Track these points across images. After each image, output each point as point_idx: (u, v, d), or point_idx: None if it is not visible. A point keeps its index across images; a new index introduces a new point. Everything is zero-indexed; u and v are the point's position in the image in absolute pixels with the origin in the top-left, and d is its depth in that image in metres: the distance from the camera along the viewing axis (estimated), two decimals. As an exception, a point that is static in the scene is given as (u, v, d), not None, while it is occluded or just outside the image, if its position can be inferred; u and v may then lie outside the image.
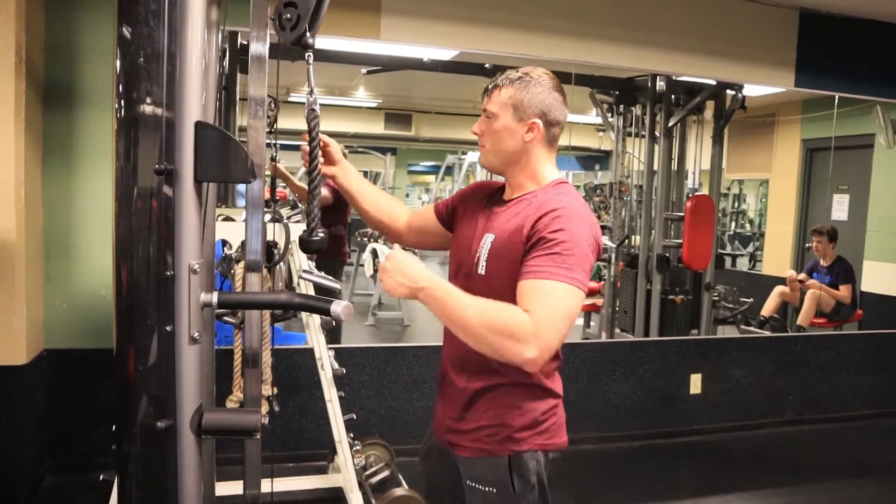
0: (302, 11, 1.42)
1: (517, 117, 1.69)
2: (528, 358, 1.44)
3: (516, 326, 1.44)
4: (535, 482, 1.70)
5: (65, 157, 3.38)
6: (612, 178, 5.98)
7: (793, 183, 6.90)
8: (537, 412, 1.71)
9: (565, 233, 1.54)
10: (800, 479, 3.95)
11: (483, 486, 1.70)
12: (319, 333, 3.03)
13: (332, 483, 3.30)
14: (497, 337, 1.45)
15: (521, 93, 1.68)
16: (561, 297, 1.49)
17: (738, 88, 5.08)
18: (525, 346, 1.43)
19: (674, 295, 5.13)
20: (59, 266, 3.41)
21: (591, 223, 1.61)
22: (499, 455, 1.68)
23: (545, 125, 1.70)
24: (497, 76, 1.73)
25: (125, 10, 1.23)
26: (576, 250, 1.53)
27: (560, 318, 1.48)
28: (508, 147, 1.71)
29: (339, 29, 3.52)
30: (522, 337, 1.43)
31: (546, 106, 1.69)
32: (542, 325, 1.45)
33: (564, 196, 1.65)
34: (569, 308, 1.50)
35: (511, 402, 1.69)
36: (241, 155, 1.25)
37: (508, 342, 1.44)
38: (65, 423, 3.44)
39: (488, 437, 1.69)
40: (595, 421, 4.34)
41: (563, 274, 1.50)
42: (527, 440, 1.69)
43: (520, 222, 1.62)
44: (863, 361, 5.02)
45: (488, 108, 1.71)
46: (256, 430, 1.30)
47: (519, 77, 1.69)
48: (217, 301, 1.29)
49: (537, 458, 1.71)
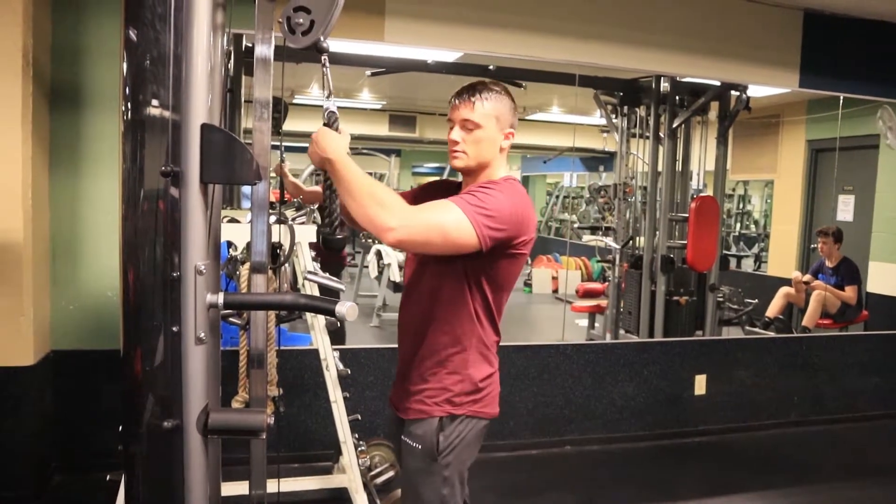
0: (316, 17, 1.43)
1: (499, 128, 1.90)
2: (388, 226, 1.64)
3: (391, 201, 1.67)
4: (457, 443, 1.89)
5: (71, 159, 3.40)
6: (617, 179, 5.98)
7: (798, 184, 6.89)
8: (476, 379, 1.90)
9: (486, 191, 1.78)
10: (805, 480, 3.95)
11: (412, 442, 1.91)
12: (324, 334, 3.03)
13: (337, 483, 3.31)
14: (372, 202, 1.65)
15: (500, 105, 1.90)
16: (443, 209, 1.72)
17: (743, 89, 5.07)
18: (390, 216, 1.64)
19: (678, 296, 5.12)
20: (66, 267, 3.43)
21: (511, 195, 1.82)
22: (433, 416, 1.88)
23: (513, 135, 1.94)
24: (468, 89, 1.90)
25: (132, 14, 1.24)
26: (487, 200, 1.74)
27: (430, 218, 1.70)
28: (488, 154, 1.91)
29: (344, 31, 3.53)
30: (391, 209, 1.65)
31: (513, 117, 1.94)
32: (414, 212, 1.69)
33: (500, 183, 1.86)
34: (444, 219, 1.71)
35: (454, 369, 1.89)
36: (246, 157, 1.26)
37: (378, 208, 1.65)
38: (71, 424, 3.46)
39: (429, 399, 1.90)
40: (600, 422, 4.34)
41: (460, 203, 1.73)
42: (463, 405, 1.89)
43: None
44: (868, 362, 5.00)
45: (472, 119, 1.88)
46: (262, 430, 1.31)
47: (496, 91, 1.90)
48: (223, 302, 1.30)
49: (467, 421, 1.90)
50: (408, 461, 1.94)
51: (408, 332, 1.99)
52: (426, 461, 1.88)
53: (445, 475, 1.88)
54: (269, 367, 2.59)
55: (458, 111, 1.90)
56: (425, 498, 1.90)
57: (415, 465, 1.92)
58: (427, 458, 1.88)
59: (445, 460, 1.88)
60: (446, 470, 1.88)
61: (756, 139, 7.32)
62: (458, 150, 1.91)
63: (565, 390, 4.26)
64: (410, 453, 1.92)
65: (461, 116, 1.89)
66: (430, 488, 1.89)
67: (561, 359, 4.26)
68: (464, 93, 1.90)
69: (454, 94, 1.93)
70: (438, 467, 1.88)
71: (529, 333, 7.19)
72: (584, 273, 9.28)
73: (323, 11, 1.45)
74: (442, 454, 1.87)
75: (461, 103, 1.89)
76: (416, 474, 1.92)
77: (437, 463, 1.88)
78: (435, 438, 1.87)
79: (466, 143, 1.89)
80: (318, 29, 1.44)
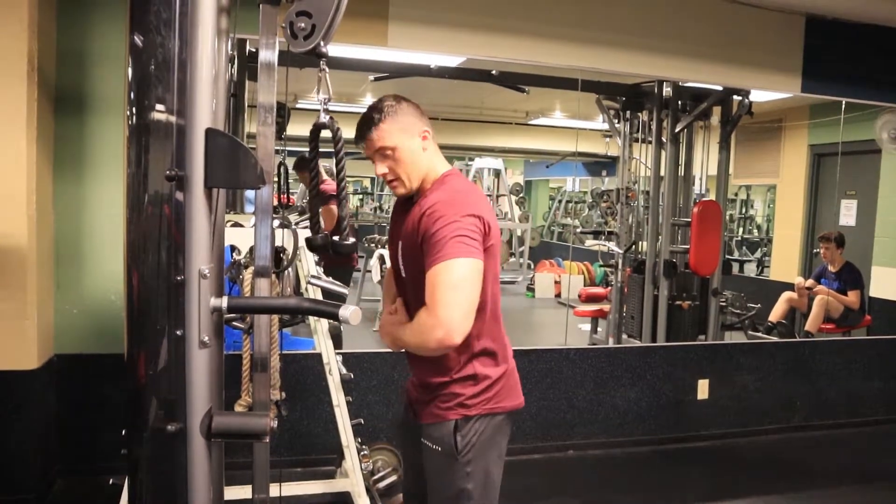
0: (317, 21, 1.44)
1: (410, 136, 1.89)
2: (439, 338, 1.72)
3: (418, 326, 1.78)
4: (476, 441, 1.92)
5: (75, 163, 3.41)
6: (619, 183, 5.98)
7: (800, 188, 6.89)
8: (489, 380, 1.93)
9: (437, 223, 1.77)
10: (807, 485, 3.93)
11: (431, 444, 1.95)
12: (327, 338, 3.04)
13: (340, 488, 3.30)
14: (416, 341, 1.81)
15: (398, 118, 1.87)
16: (441, 274, 1.74)
17: (745, 94, 5.07)
18: (431, 333, 1.73)
19: (681, 300, 5.13)
20: (70, 272, 3.44)
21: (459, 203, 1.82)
22: (448, 419, 1.92)
23: (430, 132, 1.93)
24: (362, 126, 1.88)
25: (137, 19, 1.25)
26: (448, 233, 1.75)
27: (447, 292, 1.73)
28: (420, 166, 1.91)
29: (347, 36, 3.54)
30: (426, 329, 1.74)
31: (420, 118, 1.92)
32: (437, 308, 1.72)
33: (441, 191, 1.88)
34: (451, 282, 1.73)
35: (461, 374, 1.91)
36: (250, 161, 1.27)
37: (421, 338, 1.77)
38: (75, 428, 3.46)
39: (442, 405, 1.93)
40: (602, 426, 4.33)
41: (442, 256, 1.74)
42: (475, 406, 1.92)
43: (413, 226, 1.85)
44: (871, 367, 4.99)
45: (383, 146, 1.87)
46: (265, 434, 1.31)
47: (385, 108, 1.87)
48: (227, 305, 1.30)
49: (483, 419, 1.92)
50: (429, 462, 1.98)
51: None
52: (448, 460, 1.92)
53: (468, 471, 1.92)
54: (272, 371, 2.60)
55: (368, 148, 1.90)
56: (449, 494, 1.94)
57: (437, 464, 1.96)
58: (448, 457, 1.92)
59: (466, 458, 1.91)
60: (468, 466, 1.91)
61: (758, 144, 7.33)
62: (392, 181, 1.93)
63: (568, 395, 4.25)
64: (431, 455, 1.96)
65: (374, 149, 1.89)
66: (452, 484, 1.93)
67: (564, 363, 4.26)
68: (362, 130, 1.89)
69: (355, 136, 1.92)
70: (460, 465, 1.91)
71: (532, 338, 7.19)
72: (586, 277, 9.29)
73: (324, 16, 1.45)
74: (461, 453, 1.91)
75: (366, 141, 1.89)
76: (438, 473, 1.96)
77: (458, 461, 1.91)
78: (453, 440, 1.90)
79: (394, 169, 1.90)
80: (319, 33, 1.45)
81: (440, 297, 1.72)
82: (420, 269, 1.81)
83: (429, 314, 1.73)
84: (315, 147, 1.77)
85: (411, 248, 1.86)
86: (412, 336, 1.82)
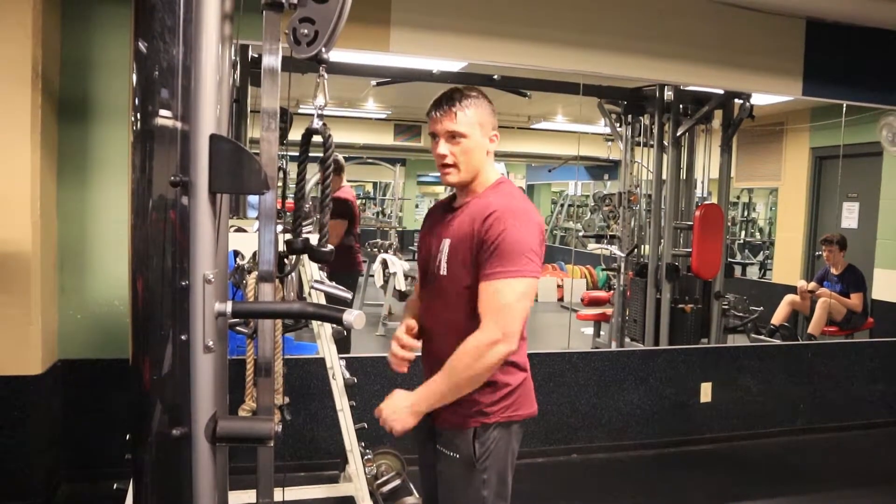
0: (320, 27, 1.45)
1: (483, 133, 1.90)
2: (505, 352, 1.78)
3: (479, 349, 1.77)
4: (493, 448, 1.92)
5: (79, 169, 3.42)
6: (621, 187, 5.98)
7: (802, 191, 6.89)
8: (508, 388, 1.93)
9: (504, 234, 1.79)
10: (811, 488, 3.93)
11: (449, 451, 1.94)
12: (331, 343, 3.04)
13: (344, 492, 3.31)
14: (483, 370, 1.79)
15: (481, 111, 1.88)
16: (507, 293, 1.78)
17: (746, 97, 5.08)
18: (495, 349, 1.76)
19: (683, 304, 5.12)
20: (74, 277, 3.45)
21: (524, 216, 1.84)
22: (468, 427, 1.91)
23: (497, 137, 1.94)
24: (446, 99, 1.87)
25: (141, 26, 1.25)
26: (514, 245, 1.78)
27: (511, 309, 1.78)
28: (479, 162, 1.91)
29: (349, 42, 3.54)
30: (487, 347, 1.76)
31: (494, 119, 1.93)
32: (500, 322, 1.76)
33: (501, 196, 1.89)
34: (514, 298, 1.78)
35: (488, 381, 1.87)
36: (254, 167, 1.27)
37: (484, 361, 1.77)
38: (79, 433, 3.47)
39: (462, 412, 1.90)
40: (606, 430, 4.33)
41: (508, 272, 1.77)
42: (494, 413, 1.91)
43: (468, 227, 1.86)
44: (874, 370, 4.99)
45: (457, 130, 1.86)
46: (270, 438, 1.31)
47: (475, 97, 1.88)
48: (231, 310, 1.31)
49: (500, 428, 1.93)
50: (445, 469, 1.97)
51: (430, 352, 2.02)
52: (466, 468, 1.92)
53: (485, 478, 1.92)
54: (275, 376, 2.60)
55: (441, 123, 1.87)
56: (466, 502, 1.94)
57: (454, 472, 1.95)
58: (466, 465, 1.91)
59: (483, 465, 1.91)
60: (485, 473, 1.91)
61: (760, 147, 7.33)
62: (448, 165, 1.90)
63: (571, 398, 4.25)
64: (448, 462, 1.95)
65: (445, 129, 1.86)
66: (471, 492, 1.93)
67: (566, 367, 4.26)
68: (443, 103, 1.86)
69: (431, 104, 1.89)
70: (477, 472, 1.91)
71: (535, 342, 7.15)
72: (589, 281, 9.29)
73: (327, 22, 1.46)
74: (480, 460, 1.91)
75: (442, 115, 1.86)
76: (456, 481, 1.96)
77: (476, 469, 1.91)
78: (471, 447, 1.90)
79: (455, 155, 1.88)
80: (321, 39, 1.45)
81: (504, 313, 1.77)
82: (466, 266, 1.84)
83: (494, 328, 1.76)
84: (305, 151, 1.78)
85: (462, 245, 1.86)
86: (472, 359, 1.78)
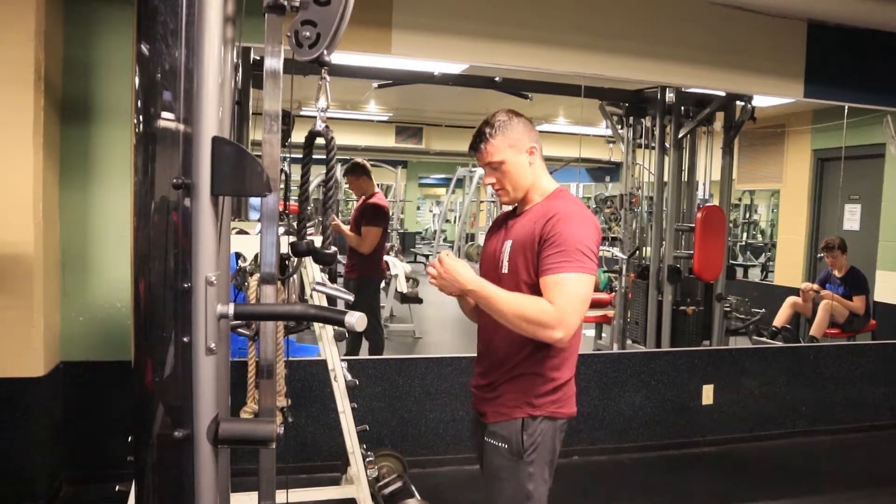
0: (322, 30, 1.45)
1: (518, 151, 2.04)
2: (556, 338, 1.86)
3: (544, 317, 1.84)
4: (540, 441, 2.00)
5: (81, 172, 3.43)
6: (623, 189, 5.98)
7: (804, 193, 6.89)
8: (557, 382, 2.03)
9: (565, 232, 1.92)
10: (813, 490, 3.92)
11: (496, 442, 2.02)
12: (332, 345, 3.04)
13: (345, 494, 3.30)
14: (529, 325, 1.85)
15: (509, 133, 2.03)
16: (574, 285, 1.88)
17: (748, 99, 5.08)
18: (553, 331, 1.84)
19: (685, 306, 5.12)
20: (76, 279, 3.45)
21: (585, 218, 1.98)
22: (515, 417, 2.00)
23: (537, 148, 2.06)
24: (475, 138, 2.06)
25: (144, 29, 1.25)
26: (576, 244, 1.91)
27: (576, 301, 1.88)
28: (525, 178, 2.06)
29: (351, 44, 3.55)
30: (549, 324, 1.84)
31: (529, 133, 2.06)
32: (564, 312, 1.85)
33: (562, 201, 2.04)
34: (581, 291, 1.89)
35: (536, 371, 2.01)
36: (256, 169, 1.27)
37: (538, 328, 1.85)
38: (81, 435, 3.47)
39: (510, 402, 2.01)
40: (608, 432, 4.33)
41: (571, 265, 1.89)
42: (542, 406, 2.00)
43: (531, 228, 2.00)
44: (876, 372, 4.98)
45: (492, 161, 2.03)
46: (272, 440, 1.31)
47: (496, 124, 2.03)
48: (233, 312, 1.31)
49: (547, 421, 2.01)
50: (493, 460, 2.04)
51: (484, 341, 2.14)
52: (513, 459, 1.99)
53: (530, 471, 1.98)
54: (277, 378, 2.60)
55: (480, 160, 2.07)
56: (512, 494, 1.99)
57: (501, 463, 2.02)
58: (514, 456, 1.99)
59: (530, 458, 1.98)
60: (531, 466, 1.99)
61: (761, 149, 7.33)
62: (498, 189, 2.09)
63: (572, 400, 4.25)
64: (496, 453, 2.03)
65: (484, 163, 2.06)
66: (516, 484, 1.99)
67: (568, 369, 4.26)
68: (474, 143, 2.06)
69: (469, 148, 2.09)
70: (524, 464, 1.98)
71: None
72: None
73: (329, 24, 1.46)
74: (527, 451, 1.98)
75: (477, 155, 2.06)
76: (501, 472, 2.02)
77: (522, 460, 1.98)
78: (520, 437, 1.98)
79: (500, 180, 2.06)
80: (323, 42, 1.45)
81: (570, 304, 1.86)
82: (526, 263, 1.97)
83: (556, 313, 1.84)
84: (308, 154, 1.78)
85: (524, 244, 1.99)
86: (527, 308, 1.86)
